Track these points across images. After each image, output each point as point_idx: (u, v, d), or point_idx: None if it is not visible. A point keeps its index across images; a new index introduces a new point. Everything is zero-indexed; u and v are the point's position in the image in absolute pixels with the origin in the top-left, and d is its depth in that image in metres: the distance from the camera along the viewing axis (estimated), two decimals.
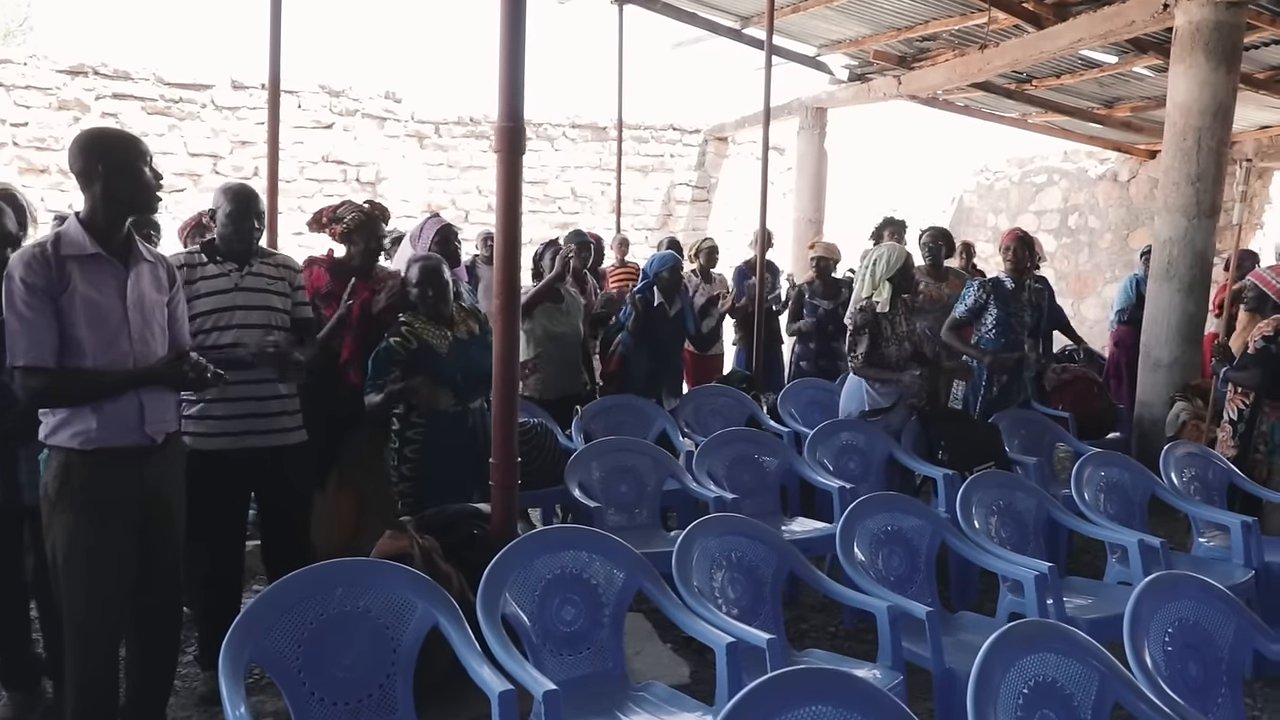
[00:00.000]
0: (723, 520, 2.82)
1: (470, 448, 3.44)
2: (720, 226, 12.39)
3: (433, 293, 3.40)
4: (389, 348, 3.36)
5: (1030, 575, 2.94)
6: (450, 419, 3.43)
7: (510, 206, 2.60)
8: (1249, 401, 4.42)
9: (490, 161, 12.01)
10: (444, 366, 3.38)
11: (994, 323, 4.97)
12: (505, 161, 2.58)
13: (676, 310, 5.06)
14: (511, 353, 2.65)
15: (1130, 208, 11.27)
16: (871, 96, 9.08)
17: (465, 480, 3.37)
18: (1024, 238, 5.17)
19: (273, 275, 3.16)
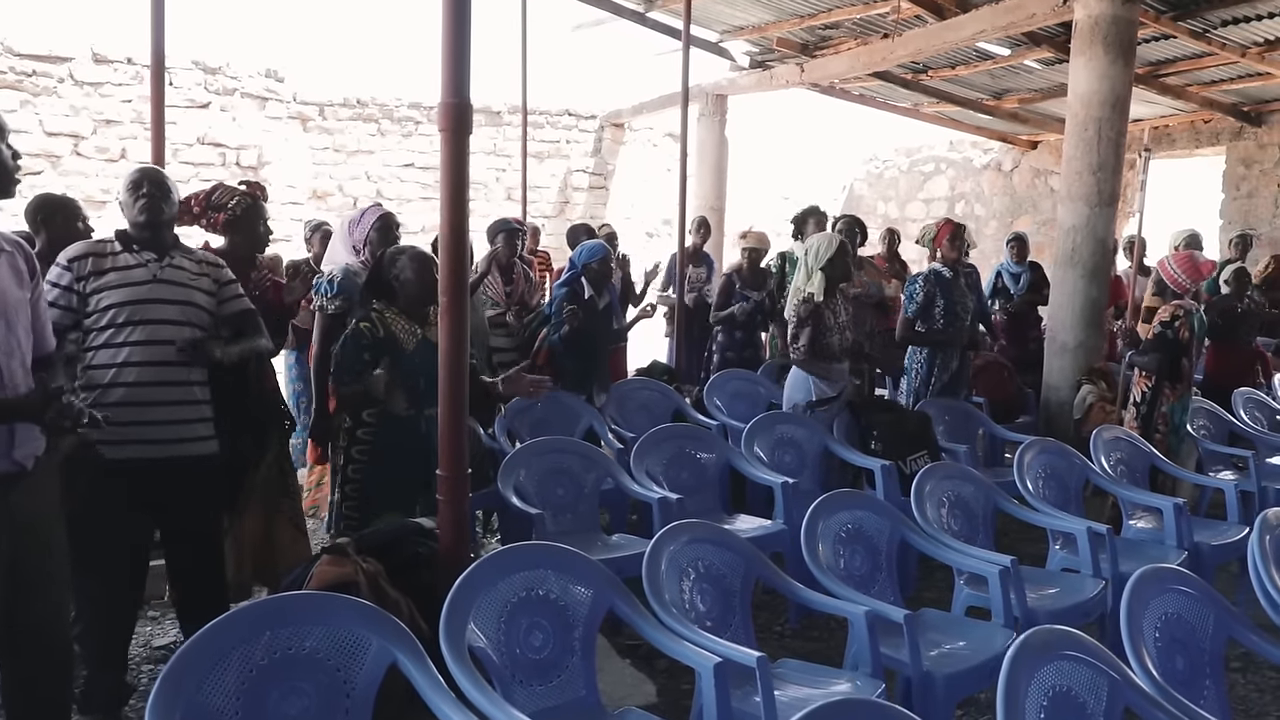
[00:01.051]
0: (688, 527, 2.65)
1: (421, 457, 3.17)
2: (618, 214, 12.22)
3: (420, 286, 3.13)
4: (357, 331, 3.08)
5: (995, 570, 2.90)
6: (402, 424, 3.15)
7: (456, 192, 2.35)
8: (1150, 385, 4.56)
9: (380, 146, 11.58)
10: (407, 365, 3.10)
11: (941, 313, 4.97)
12: (450, 142, 2.33)
13: (606, 303, 4.85)
14: (459, 354, 2.40)
15: (1014, 196, 11.71)
16: (774, 84, 9.07)
17: (413, 492, 3.11)
18: (960, 227, 5.21)
19: (194, 271, 2.87)
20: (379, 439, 3.14)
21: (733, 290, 5.95)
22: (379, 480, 3.13)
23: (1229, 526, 3.93)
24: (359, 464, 3.14)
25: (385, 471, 3.13)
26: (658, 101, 11.31)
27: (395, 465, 3.13)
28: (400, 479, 3.13)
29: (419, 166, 11.55)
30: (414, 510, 3.14)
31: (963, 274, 5.25)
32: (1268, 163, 8.95)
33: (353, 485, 3.15)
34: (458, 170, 2.33)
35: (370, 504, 3.11)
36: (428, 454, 3.19)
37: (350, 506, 3.15)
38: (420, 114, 11.46)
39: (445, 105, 2.31)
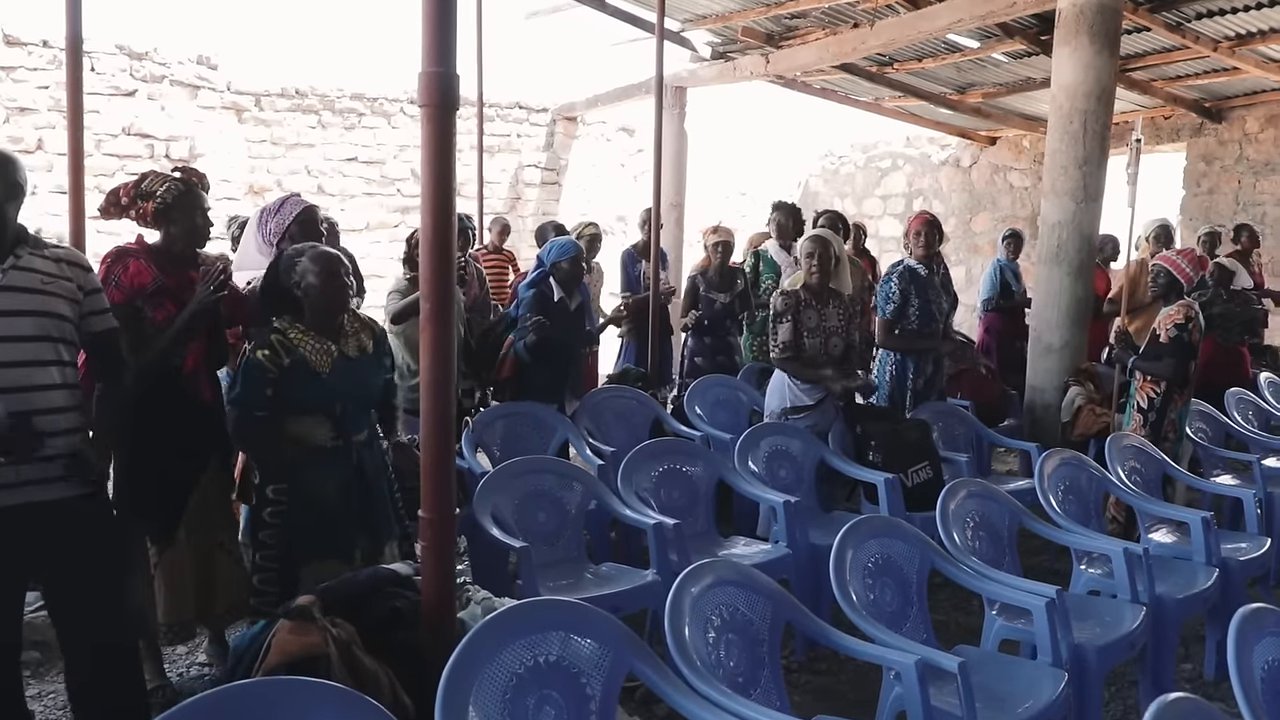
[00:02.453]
0: (710, 568, 2.30)
1: (352, 492, 2.76)
2: (572, 210, 11.82)
3: (328, 292, 2.69)
4: (257, 362, 2.64)
5: (1041, 604, 2.61)
6: (326, 457, 2.73)
7: (441, 179, 1.96)
8: (1160, 390, 4.35)
9: (320, 140, 10.97)
10: (322, 390, 2.69)
11: (916, 313, 4.70)
12: (434, 119, 1.94)
13: (578, 304, 4.47)
14: (445, 373, 2.01)
15: (972, 192, 11.60)
16: (737, 75, 8.75)
17: (347, 534, 2.71)
18: (933, 221, 4.94)
19: (49, 273, 2.26)
20: (301, 477, 2.70)
21: (696, 293, 5.61)
22: (303, 526, 2.69)
23: (1249, 538, 3.72)
24: (276, 507, 2.70)
25: (311, 515, 2.70)
26: (613, 94, 10.94)
27: (324, 507, 2.71)
28: (331, 522, 2.71)
29: (363, 161, 11.00)
30: (353, 557, 2.75)
31: (938, 271, 4.97)
32: (1228, 159, 8.93)
33: (269, 532, 2.71)
34: (443, 154, 1.95)
35: (292, 556, 2.69)
36: (366, 489, 2.80)
37: (266, 557, 2.71)
38: (364, 105, 10.91)
39: (428, 76, 1.92)
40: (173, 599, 2.95)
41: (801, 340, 4.23)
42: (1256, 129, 8.74)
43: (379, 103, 11.05)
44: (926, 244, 4.81)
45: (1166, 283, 4.38)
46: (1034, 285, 5.97)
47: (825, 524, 3.87)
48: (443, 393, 2.00)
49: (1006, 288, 6.90)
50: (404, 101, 11.17)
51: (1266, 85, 8.22)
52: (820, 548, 3.60)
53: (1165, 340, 4.23)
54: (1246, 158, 8.82)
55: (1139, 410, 4.37)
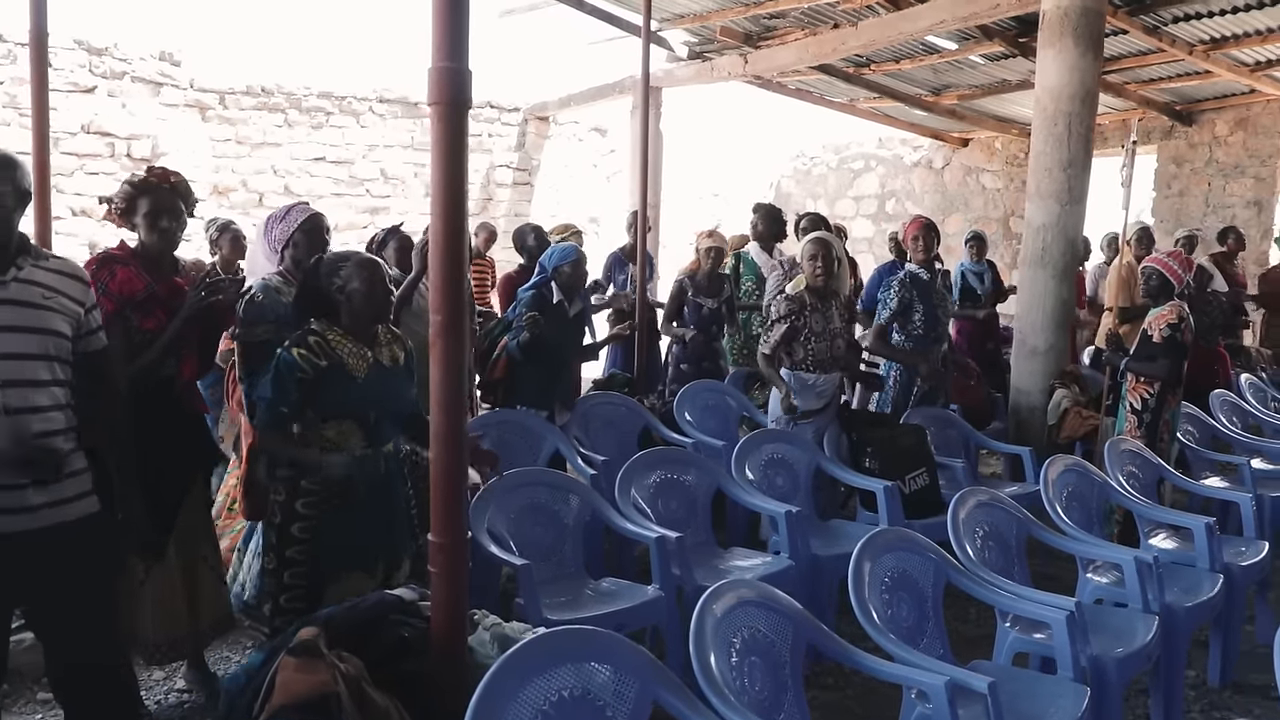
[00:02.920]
0: (731, 588, 2.21)
1: (384, 504, 2.67)
2: (543, 212, 11.68)
3: (371, 299, 2.60)
4: (291, 361, 2.52)
5: (1061, 616, 2.54)
6: (357, 464, 2.62)
7: (453, 182, 1.84)
8: (1153, 391, 4.33)
9: (287, 139, 10.72)
10: (358, 395, 2.58)
11: (921, 319, 4.64)
12: (445, 118, 1.82)
13: (577, 310, 4.35)
14: (457, 387, 1.89)
15: (945, 194, 11.65)
16: (715, 75, 8.69)
17: (373, 545, 2.60)
18: (930, 224, 4.90)
19: (51, 287, 2.12)
20: (329, 487, 2.59)
21: (684, 297, 5.51)
22: (334, 535, 2.59)
23: (1247, 543, 3.71)
24: (307, 520, 2.58)
25: (342, 524, 2.60)
26: (587, 94, 10.83)
27: (353, 518, 2.61)
28: (360, 532, 2.62)
29: (331, 160, 10.78)
30: (375, 570, 2.64)
31: (939, 275, 4.96)
32: (1198, 162, 9.04)
33: (299, 548, 2.59)
34: (455, 155, 1.83)
35: (321, 573, 2.58)
36: (391, 499, 2.71)
37: (296, 575, 2.59)
38: (331, 104, 10.69)
39: (439, 71, 1.80)
40: (164, 615, 2.83)
41: (794, 343, 4.18)
42: (1226, 132, 8.85)
43: (347, 101, 10.84)
44: (925, 248, 4.76)
45: (1159, 284, 4.37)
46: (1017, 288, 5.96)
47: (824, 533, 3.80)
48: (454, 410, 1.88)
49: (970, 291, 6.84)
50: (373, 100, 10.97)
51: (1236, 89, 8.33)
52: (822, 558, 3.54)
53: (1159, 340, 4.22)
54: (1216, 160, 8.93)
55: (1132, 412, 4.35)
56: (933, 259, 4.82)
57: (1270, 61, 7.52)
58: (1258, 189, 8.67)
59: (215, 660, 3.35)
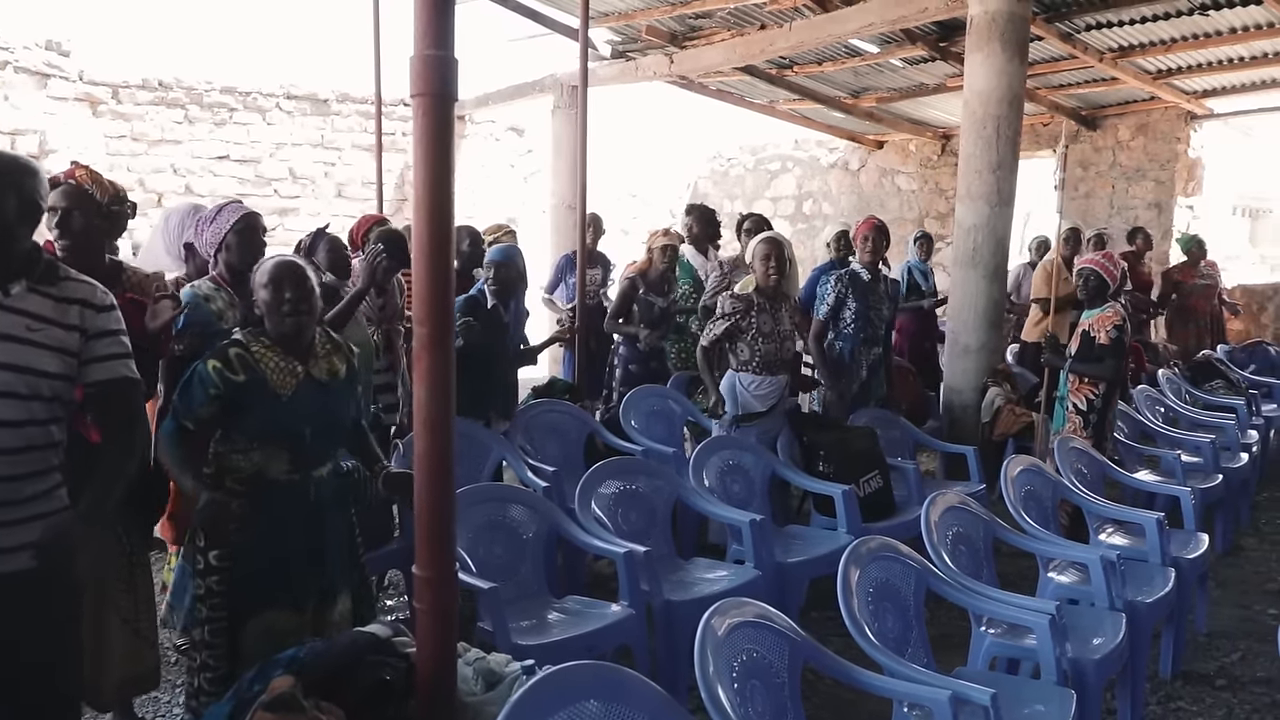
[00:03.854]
0: (731, 609, 2.10)
1: (310, 532, 2.44)
2: (460, 213, 11.31)
3: (292, 304, 2.36)
4: (204, 374, 2.31)
5: (1044, 621, 2.53)
6: (281, 493, 2.40)
7: (439, 181, 1.68)
8: (1098, 391, 4.43)
9: (187, 136, 10.18)
10: (282, 415, 2.35)
11: (853, 317, 4.65)
12: (431, 110, 1.66)
13: (513, 316, 4.18)
14: (444, 404, 1.73)
15: (861, 195, 11.83)
16: (639, 75, 8.59)
17: (302, 581, 2.38)
18: (881, 226, 4.91)
19: (42, 317, 1.87)
20: (253, 514, 2.37)
21: (635, 295, 5.39)
22: (255, 571, 2.37)
23: (1189, 535, 3.81)
24: (224, 547, 2.36)
25: (264, 558, 2.38)
26: (506, 92, 10.60)
27: (278, 548, 2.39)
28: (286, 567, 2.40)
29: (236, 159, 10.28)
30: (305, 608, 2.43)
31: (885, 279, 4.98)
32: (1102, 165, 9.39)
33: (217, 579, 2.37)
34: (440, 151, 1.67)
35: (242, 604, 2.37)
36: (322, 528, 2.49)
37: (215, 607, 2.37)
38: (235, 100, 10.19)
39: (423, 60, 1.64)
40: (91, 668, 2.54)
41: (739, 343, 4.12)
42: (1128, 137, 9.22)
43: (252, 97, 10.35)
44: (874, 249, 4.78)
45: (1096, 285, 4.46)
46: (949, 288, 6.06)
47: (784, 540, 3.75)
48: (442, 432, 1.72)
49: (915, 288, 6.99)
50: (279, 97, 10.50)
51: (1138, 95, 8.68)
52: (786, 566, 3.47)
53: (1105, 342, 4.30)
54: (1119, 164, 9.30)
55: (1076, 412, 4.43)
56: (877, 261, 4.84)
57: (1171, 70, 7.86)
58: (1158, 191, 9.07)
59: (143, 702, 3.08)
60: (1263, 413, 6.24)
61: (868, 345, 4.72)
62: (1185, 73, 7.88)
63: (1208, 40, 6.99)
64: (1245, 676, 3.51)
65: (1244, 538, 5.09)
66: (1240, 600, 4.24)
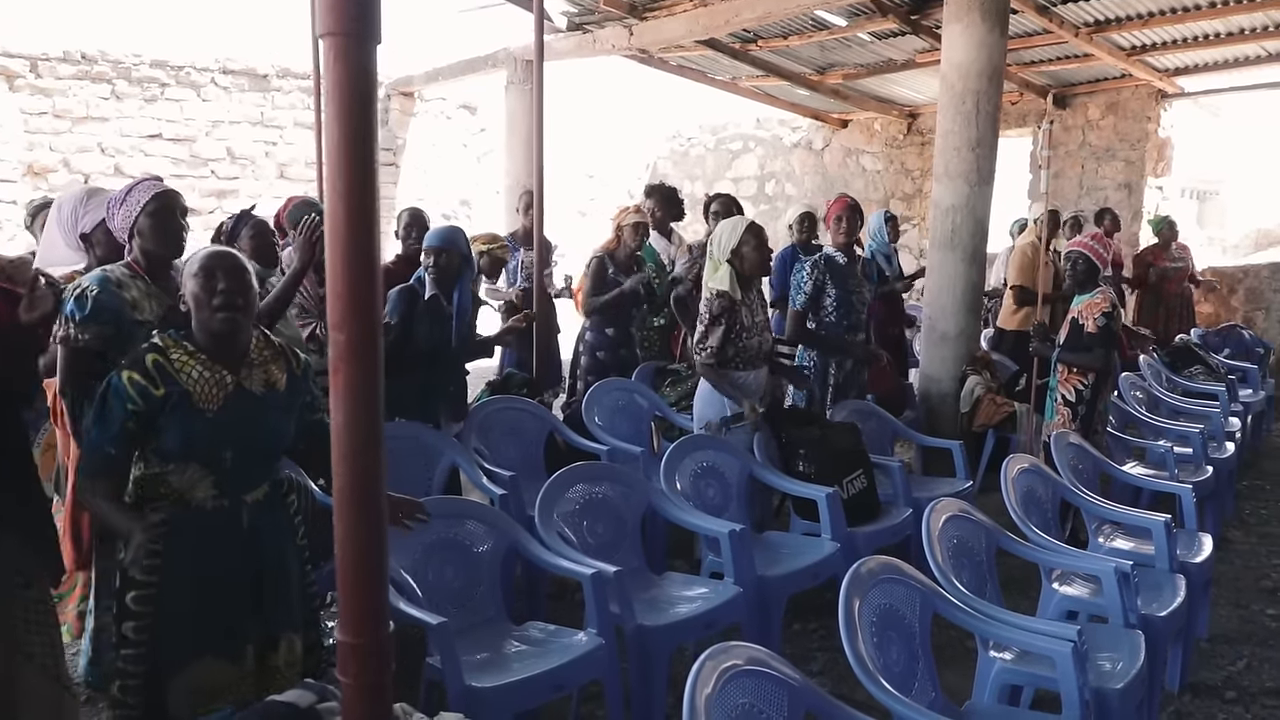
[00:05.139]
0: (724, 654, 1.78)
1: (246, 566, 2.10)
2: (411, 194, 10.93)
3: (225, 298, 2.01)
4: (119, 389, 1.96)
5: (1067, 649, 2.24)
6: (210, 523, 2.05)
7: (357, 140, 1.31)
8: (1087, 382, 4.18)
9: (115, 113, 9.55)
10: (206, 433, 2.01)
11: (833, 304, 4.34)
12: (344, 52, 1.29)
13: (457, 307, 3.78)
14: (368, 438, 1.36)
15: (825, 175, 11.56)
16: (597, 49, 8.19)
17: (236, 625, 2.03)
18: (855, 206, 4.60)
19: None
20: (175, 548, 2.02)
21: (604, 275, 5.04)
22: (178, 615, 2.02)
23: (1192, 536, 3.57)
24: (144, 589, 2.00)
25: (188, 598, 2.03)
26: (457, 67, 10.13)
27: (208, 587, 2.05)
28: (215, 611, 2.05)
29: (169, 138, 9.69)
30: (242, 656, 2.08)
31: (862, 261, 4.69)
32: (1072, 145, 9.21)
33: (134, 624, 2.01)
34: (360, 104, 1.31)
35: (167, 655, 2.01)
36: (259, 561, 2.13)
37: (131, 659, 2.00)
38: (167, 74, 9.58)
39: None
40: None
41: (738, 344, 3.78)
42: (1098, 116, 9.04)
43: (185, 72, 9.75)
44: (849, 231, 4.48)
45: (1085, 269, 4.20)
46: (926, 271, 5.79)
47: (764, 549, 3.43)
48: (366, 465, 1.36)
49: (880, 272, 6.70)
50: (215, 72, 9.91)
51: (1110, 73, 8.49)
52: (768, 580, 3.17)
53: (1094, 330, 4.05)
54: (1089, 144, 9.12)
55: (1065, 404, 4.19)
56: (852, 243, 4.55)
57: (1145, 46, 7.67)
58: (1128, 172, 8.91)
59: None
60: (1240, 398, 6.09)
61: (852, 332, 4.42)
62: (1159, 49, 7.69)
63: (1185, 15, 6.80)
64: (1254, 687, 3.29)
65: (1230, 530, 4.91)
66: (1236, 600, 4.04)
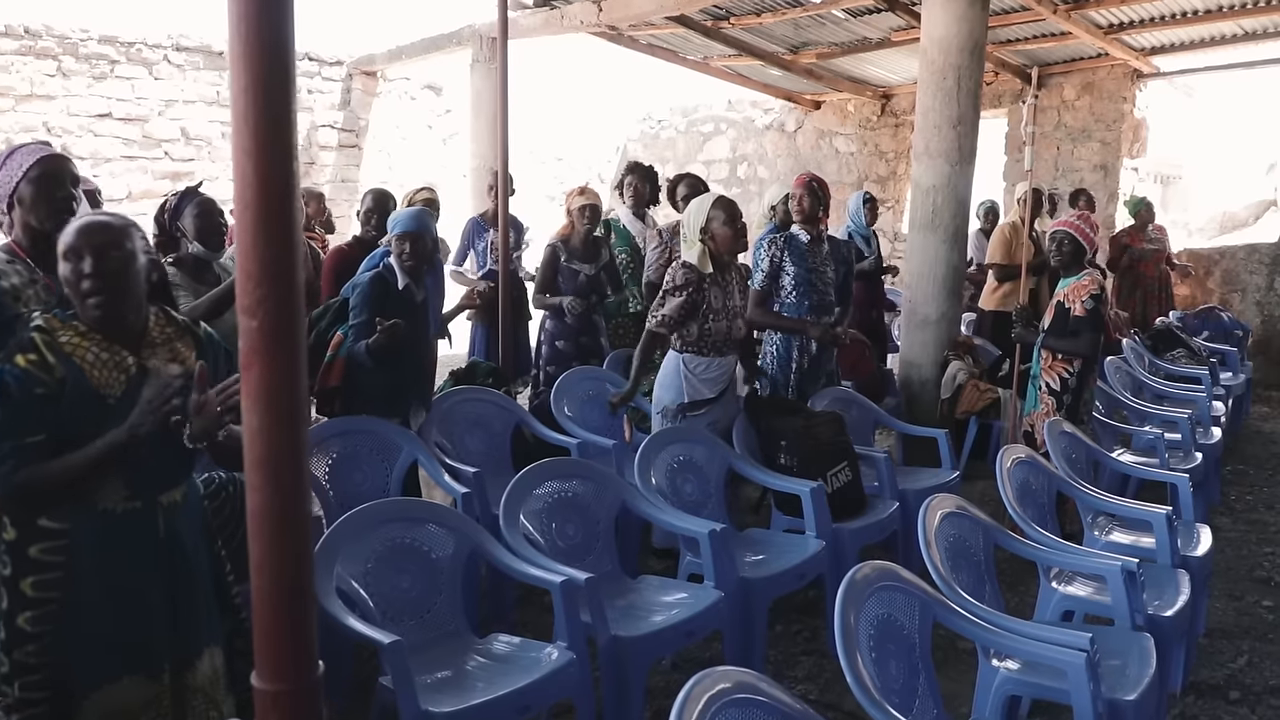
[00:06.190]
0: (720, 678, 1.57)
1: (163, 577, 1.86)
2: (374, 177, 10.60)
3: (92, 282, 1.76)
4: (19, 375, 1.72)
5: (1080, 660, 2.07)
6: (117, 526, 1.82)
7: (269, 75, 1.08)
8: (1073, 369, 4.02)
9: (61, 90, 9.10)
10: (112, 425, 1.76)
11: (793, 284, 4.14)
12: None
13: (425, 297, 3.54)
14: (286, 448, 1.13)
15: (798, 158, 11.36)
16: (565, 25, 7.92)
17: (152, 640, 1.81)
18: (814, 183, 4.39)
19: None
20: (79, 558, 1.79)
21: (557, 264, 4.81)
22: (86, 634, 1.79)
23: (1189, 528, 3.42)
24: (42, 607, 1.77)
25: (97, 617, 1.80)
26: (420, 45, 9.81)
27: (120, 601, 1.82)
28: (128, 626, 1.83)
29: (119, 118, 9.28)
30: (160, 674, 1.86)
31: (825, 239, 4.44)
32: (1047, 126, 9.06)
33: (31, 649, 1.77)
34: (274, 50, 1.07)
35: (73, 680, 1.79)
36: (176, 569, 1.90)
37: (30, 685, 1.77)
38: (117, 51, 9.16)
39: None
40: None
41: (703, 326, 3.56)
42: (1073, 96, 8.91)
43: (136, 49, 9.33)
44: (808, 209, 4.26)
45: (1071, 250, 4.03)
46: (906, 253, 5.62)
47: (745, 548, 3.24)
48: (284, 478, 1.13)
49: (859, 254, 6.53)
50: (168, 49, 9.51)
51: (1086, 52, 8.35)
52: (751, 583, 2.97)
53: (1081, 314, 3.89)
54: (1065, 124, 8.99)
55: (1049, 393, 4.02)
56: (814, 221, 4.32)
57: (1122, 24, 7.53)
58: (1104, 153, 8.79)
59: None
60: (1221, 381, 5.99)
61: (816, 313, 4.21)
62: (1136, 27, 7.55)
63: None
64: (1257, 685, 3.15)
65: (1218, 517, 4.79)
66: (1230, 590, 3.91)
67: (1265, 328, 7.90)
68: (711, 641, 3.07)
